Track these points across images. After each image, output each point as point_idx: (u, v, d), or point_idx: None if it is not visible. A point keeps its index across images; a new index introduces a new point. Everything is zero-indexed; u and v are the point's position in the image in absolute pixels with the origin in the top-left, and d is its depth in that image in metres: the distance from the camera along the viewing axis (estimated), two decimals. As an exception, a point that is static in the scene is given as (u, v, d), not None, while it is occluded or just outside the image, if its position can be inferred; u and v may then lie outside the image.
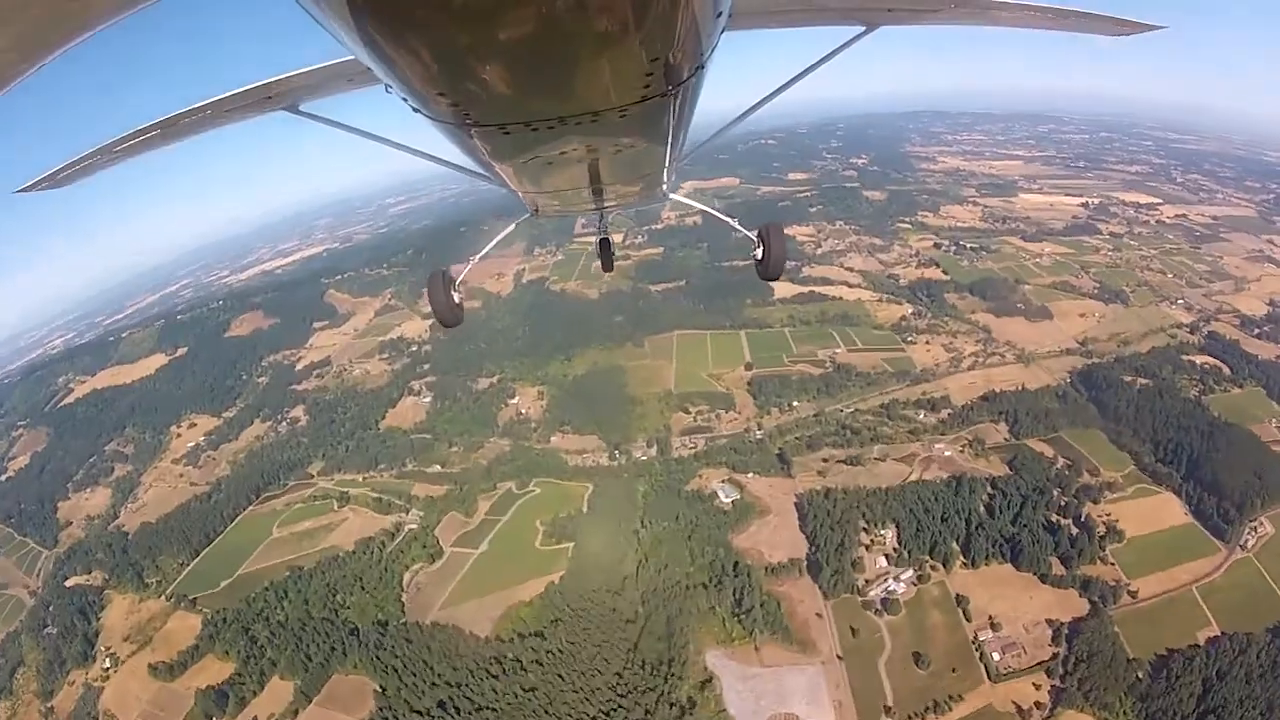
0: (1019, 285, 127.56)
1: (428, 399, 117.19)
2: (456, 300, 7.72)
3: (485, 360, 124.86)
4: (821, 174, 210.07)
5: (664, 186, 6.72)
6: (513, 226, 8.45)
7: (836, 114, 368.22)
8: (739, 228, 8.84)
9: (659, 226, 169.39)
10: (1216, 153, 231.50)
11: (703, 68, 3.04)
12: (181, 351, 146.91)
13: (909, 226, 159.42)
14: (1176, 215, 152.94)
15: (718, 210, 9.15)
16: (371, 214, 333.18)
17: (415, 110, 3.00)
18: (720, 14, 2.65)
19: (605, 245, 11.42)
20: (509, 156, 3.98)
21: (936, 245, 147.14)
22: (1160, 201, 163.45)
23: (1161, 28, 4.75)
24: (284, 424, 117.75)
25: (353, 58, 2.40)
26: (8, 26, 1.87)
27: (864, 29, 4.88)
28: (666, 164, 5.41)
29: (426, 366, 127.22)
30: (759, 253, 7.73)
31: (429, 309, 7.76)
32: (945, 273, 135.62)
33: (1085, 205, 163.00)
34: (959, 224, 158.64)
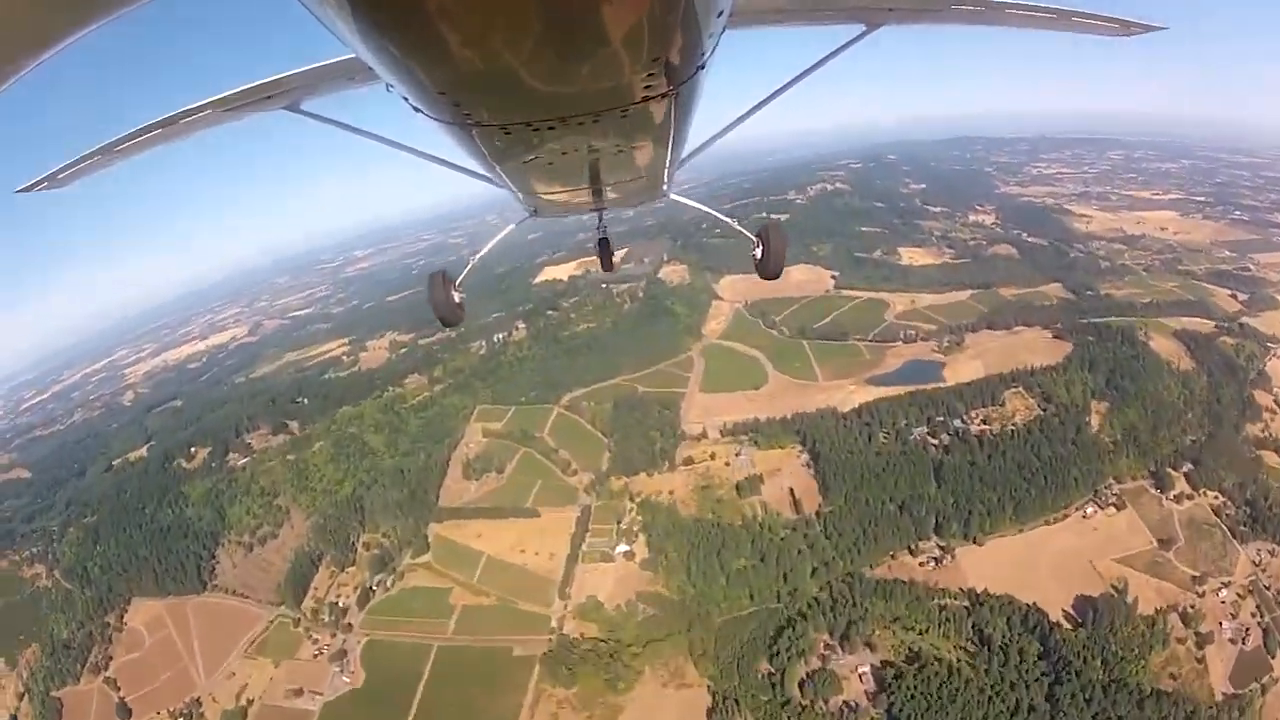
0: None
1: None
2: (457, 300, 7.69)
3: None
4: (960, 251, 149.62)
5: (665, 186, 6.85)
6: (511, 228, 8.46)
7: (861, 139, 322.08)
8: (739, 228, 8.75)
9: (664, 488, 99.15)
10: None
11: (704, 67, 3.09)
12: None
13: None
14: None
15: (717, 211, 8.96)
16: (328, 274, 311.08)
17: (416, 109, 3.06)
18: (721, 13, 2.68)
19: (604, 245, 11.21)
20: (510, 156, 4.08)
21: None
22: None
23: (1163, 28, 4.71)
24: None
25: (354, 56, 2.47)
26: (5, 23, 1.84)
27: (865, 29, 4.97)
28: (668, 164, 5.54)
29: None
30: (758, 252, 7.69)
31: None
32: None
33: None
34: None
